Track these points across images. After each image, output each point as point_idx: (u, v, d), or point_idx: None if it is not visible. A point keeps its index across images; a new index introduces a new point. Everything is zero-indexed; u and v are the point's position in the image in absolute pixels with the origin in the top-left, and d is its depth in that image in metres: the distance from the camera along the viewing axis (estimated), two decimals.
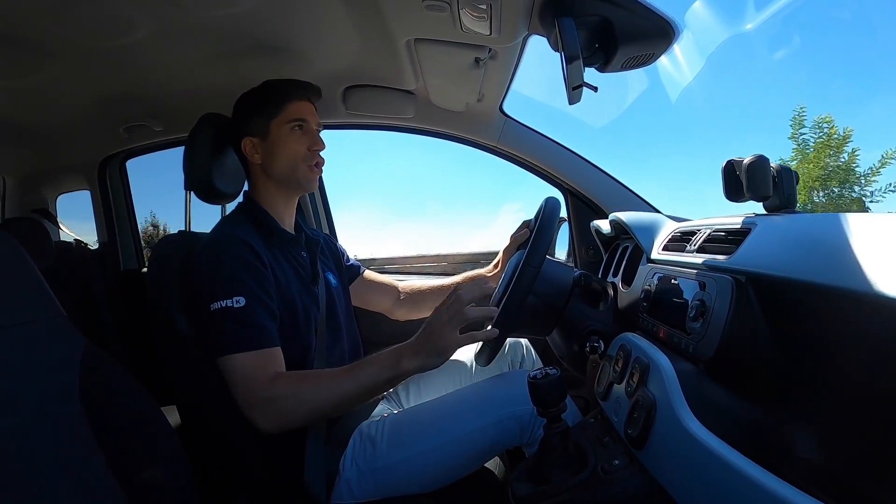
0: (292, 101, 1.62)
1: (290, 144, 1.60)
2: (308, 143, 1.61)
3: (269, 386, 1.30)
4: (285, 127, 1.59)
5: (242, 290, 1.38)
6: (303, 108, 1.63)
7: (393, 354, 1.33)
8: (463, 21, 1.45)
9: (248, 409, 1.30)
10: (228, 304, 1.36)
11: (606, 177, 2.29)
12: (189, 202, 2.29)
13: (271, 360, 1.36)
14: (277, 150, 1.60)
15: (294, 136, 1.60)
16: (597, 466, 1.05)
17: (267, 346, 1.36)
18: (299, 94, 1.64)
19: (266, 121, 1.60)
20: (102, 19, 1.50)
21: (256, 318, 1.37)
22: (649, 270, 1.36)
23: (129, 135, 2.46)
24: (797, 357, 0.87)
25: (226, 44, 1.72)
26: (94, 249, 2.97)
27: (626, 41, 1.32)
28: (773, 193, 1.16)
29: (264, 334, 1.37)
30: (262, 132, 1.60)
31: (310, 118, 1.63)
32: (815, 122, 13.21)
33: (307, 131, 1.62)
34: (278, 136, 1.60)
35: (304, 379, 1.34)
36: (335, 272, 1.80)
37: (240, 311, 1.35)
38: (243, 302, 1.36)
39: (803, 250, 0.85)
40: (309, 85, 1.68)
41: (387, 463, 1.38)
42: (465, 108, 2.21)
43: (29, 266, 1.13)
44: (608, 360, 1.25)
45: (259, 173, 1.64)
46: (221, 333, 1.35)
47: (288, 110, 1.61)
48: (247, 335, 1.34)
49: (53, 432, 1.04)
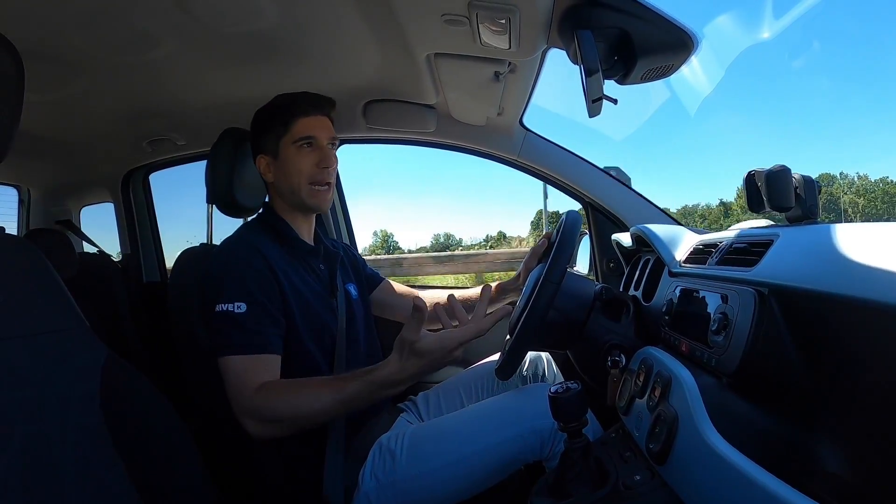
0: (300, 117, 1.59)
1: (296, 164, 1.58)
2: (316, 159, 1.58)
3: (254, 394, 1.32)
4: (293, 146, 1.58)
5: (245, 296, 1.39)
6: (312, 123, 1.60)
7: (381, 384, 1.31)
8: (482, 35, 1.45)
9: (237, 414, 1.33)
10: (230, 308, 1.38)
11: (627, 189, 2.28)
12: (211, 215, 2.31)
13: (263, 366, 1.37)
14: (285, 170, 1.59)
15: (302, 154, 1.58)
16: (618, 482, 1.03)
17: (261, 353, 1.38)
18: (308, 109, 1.61)
19: (275, 140, 1.59)
20: (127, 35, 1.53)
21: (255, 325, 1.38)
22: (671, 283, 1.35)
23: (153, 149, 2.50)
24: (823, 371, 0.86)
25: (247, 59, 1.74)
26: (116, 261, 3.01)
27: (645, 53, 1.32)
28: (794, 204, 1.15)
29: (261, 340, 1.38)
30: (273, 151, 1.60)
31: (319, 133, 1.59)
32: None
33: (316, 147, 1.59)
34: (287, 156, 1.58)
35: (288, 389, 1.34)
36: (355, 283, 1.80)
37: (240, 315, 1.37)
38: (244, 308, 1.38)
39: (827, 261, 0.84)
40: (319, 98, 1.65)
41: (406, 476, 1.38)
42: (486, 121, 2.21)
43: (53, 276, 1.14)
44: (630, 375, 1.24)
45: (273, 191, 1.65)
46: (220, 335, 1.38)
47: (296, 128, 1.58)
48: (242, 340, 1.36)
49: (74, 440, 1.05)
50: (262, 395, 1.32)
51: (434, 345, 1.25)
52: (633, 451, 1.11)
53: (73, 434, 1.05)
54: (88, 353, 1.14)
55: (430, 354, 1.25)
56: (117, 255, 3.07)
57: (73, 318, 1.16)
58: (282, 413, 1.31)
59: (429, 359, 1.26)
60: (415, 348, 1.25)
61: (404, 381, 1.29)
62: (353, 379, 1.31)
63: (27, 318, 1.07)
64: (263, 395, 1.32)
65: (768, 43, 77.36)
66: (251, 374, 1.34)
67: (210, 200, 1.76)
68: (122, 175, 2.80)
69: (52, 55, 1.58)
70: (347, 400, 1.30)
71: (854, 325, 0.78)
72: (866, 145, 59.96)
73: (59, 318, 1.13)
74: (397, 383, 1.29)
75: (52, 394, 1.05)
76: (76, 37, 1.50)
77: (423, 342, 1.25)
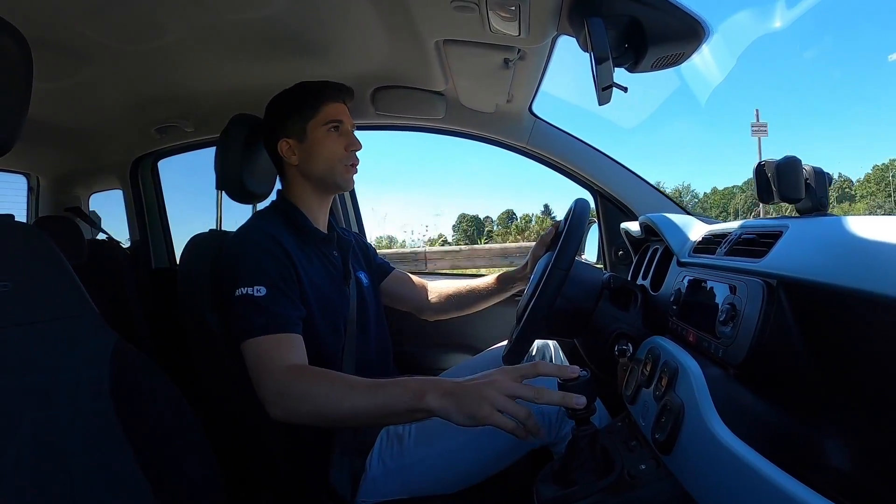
0: (328, 102, 1.63)
1: (328, 146, 1.60)
2: (345, 143, 1.62)
3: (282, 375, 1.27)
4: (322, 129, 1.60)
5: (264, 279, 1.39)
6: (338, 109, 1.64)
7: (421, 384, 1.17)
8: (491, 22, 1.45)
9: (260, 394, 1.28)
10: (250, 291, 1.37)
11: (636, 178, 2.27)
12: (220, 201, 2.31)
13: (289, 346, 1.35)
14: (316, 152, 1.61)
15: (332, 138, 1.61)
16: (623, 470, 1.04)
17: (285, 332, 1.36)
18: (334, 95, 1.65)
19: (303, 123, 1.61)
20: (135, 23, 1.53)
21: (276, 307, 1.38)
22: (679, 273, 1.35)
23: (161, 135, 2.50)
24: (831, 363, 0.86)
25: (256, 45, 1.73)
26: (126, 247, 3.02)
27: (656, 41, 1.31)
28: (805, 196, 1.14)
29: (284, 320, 1.37)
30: (298, 134, 1.61)
31: (345, 119, 1.64)
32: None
33: (343, 132, 1.63)
34: (316, 138, 1.60)
35: (320, 379, 1.26)
36: (366, 271, 1.81)
37: (260, 299, 1.37)
38: (264, 291, 1.38)
39: (837, 254, 0.83)
40: (343, 86, 1.70)
41: (413, 460, 1.39)
42: (495, 108, 2.20)
43: (62, 264, 1.15)
44: (636, 364, 1.24)
45: (295, 174, 1.65)
46: (242, 319, 1.36)
47: (324, 112, 1.61)
48: (265, 321, 1.35)
49: (84, 426, 1.06)
50: (293, 374, 1.27)
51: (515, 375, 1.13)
52: (639, 441, 1.11)
53: (82, 420, 1.06)
54: (98, 339, 1.15)
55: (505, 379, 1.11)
56: (126, 242, 3.08)
57: (83, 304, 1.17)
58: (311, 398, 1.23)
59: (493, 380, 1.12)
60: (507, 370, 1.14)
61: (448, 391, 1.14)
62: (389, 384, 1.21)
63: (37, 305, 1.08)
64: (296, 374, 1.28)
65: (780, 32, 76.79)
66: (278, 353, 1.32)
67: (220, 187, 1.77)
68: (131, 162, 2.81)
69: (60, 43, 1.58)
70: (380, 404, 1.19)
71: (862, 319, 0.78)
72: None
73: (69, 305, 1.14)
74: (446, 396, 1.13)
75: (62, 380, 1.06)
76: (84, 24, 1.50)
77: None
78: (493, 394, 1.08)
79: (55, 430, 1.02)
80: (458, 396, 1.11)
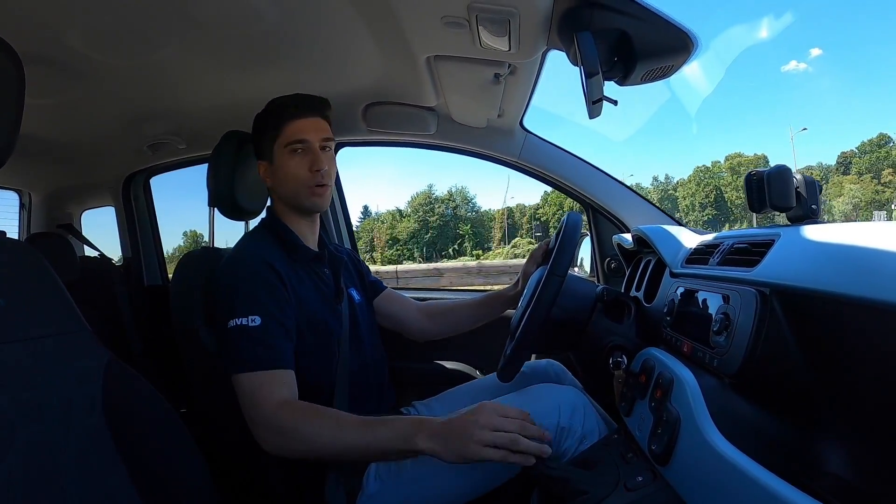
0: (291, 120, 1.56)
1: (291, 168, 1.55)
2: (308, 164, 1.55)
3: (274, 411, 1.29)
4: (285, 150, 1.55)
5: (259, 309, 1.38)
6: (303, 126, 1.56)
7: (409, 426, 1.22)
8: (482, 37, 1.46)
9: (253, 428, 1.30)
10: (244, 322, 1.36)
11: (628, 190, 2.28)
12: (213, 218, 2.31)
13: (281, 382, 1.35)
14: (281, 175, 1.57)
15: (295, 160, 1.55)
16: (620, 482, 1.04)
17: (278, 368, 1.35)
18: (299, 111, 1.57)
19: (270, 144, 1.57)
20: (128, 39, 1.53)
21: (271, 338, 1.37)
22: (672, 284, 1.35)
23: (154, 152, 2.50)
24: (826, 371, 0.86)
25: (248, 62, 1.74)
26: (118, 265, 3.01)
27: (645, 54, 1.32)
28: (796, 204, 1.15)
29: (277, 355, 1.36)
30: (269, 156, 1.59)
31: (311, 136, 1.56)
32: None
33: (307, 150, 1.56)
34: (280, 161, 1.56)
35: (313, 416, 1.29)
36: (359, 288, 1.80)
37: (255, 329, 1.36)
38: (259, 321, 1.36)
39: (829, 261, 0.84)
40: (311, 99, 1.61)
41: (411, 477, 1.37)
42: (486, 123, 2.21)
43: (54, 280, 1.15)
44: (632, 376, 1.24)
45: (274, 196, 1.65)
46: (235, 350, 1.35)
47: (287, 131, 1.55)
48: (259, 355, 1.34)
49: (77, 443, 1.05)
50: (286, 411, 1.29)
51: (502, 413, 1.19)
52: (635, 453, 1.11)
53: (75, 437, 1.06)
54: (90, 356, 1.14)
55: (487, 415, 1.18)
56: (118, 259, 3.07)
57: (75, 321, 1.16)
58: (302, 437, 1.26)
59: (478, 419, 1.17)
60: (487, 406, 1.21)
61: (435, 433, 1.19)
62: (378, 424, 1.25)
63: (29, 322, 1.08)
64: (288, 412, 1.29)
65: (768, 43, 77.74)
66: (270, 389, 1.32)
67: (212, 204, 1.76)
68: (123, 178, 2.81)
69: (53, 59, 1.58)
70: (371, 445, 1.24)
71: (857, 325, 0.78)
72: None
73: (61, 322, 1.14)
74: (434, 436, 1.18)
75: (55, 397, 1.06)
76: (77, 41, 1.50)
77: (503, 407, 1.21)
78: (477, 432, 1.15)
79: (48, 447, 1.01)
80: (445, 438, 1.18)
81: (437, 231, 52.81)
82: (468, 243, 50.42)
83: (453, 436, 1.17)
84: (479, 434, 1.14)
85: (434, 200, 52.91)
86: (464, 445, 1.14)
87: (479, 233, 52.96)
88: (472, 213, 54.72)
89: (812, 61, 66.25)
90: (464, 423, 1.17)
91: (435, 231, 52.83)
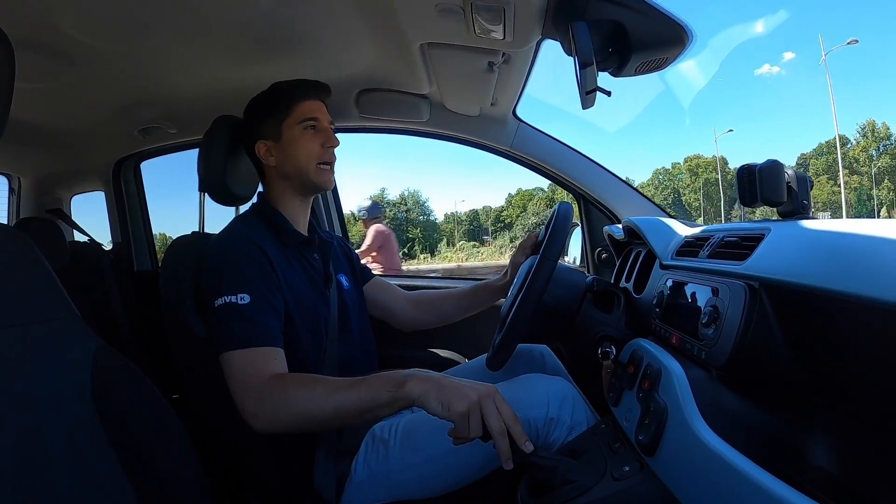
0: (301, 100, 1.61)
1: (303, 144, 1.58)
2: (321, 140, 1.60)
3: (263, 386, 1.27)
4: (297, 127, 1.58)
5: (248, 287, 1.37)
6: (313, 106, 1.62)
7: (404, 374, 1.20)
8: (476, 25, 1.45)
9: (241, 405, 1.28)
10: (233, 300, 1.35)
11: (619, 182, 2.29)
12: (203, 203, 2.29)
13: (271, 359, 1.34)
14: (291, 151, 1.59)
15: (307, 136, 1.59)
16: (607, 472, 1.04)
17: (268, 345, 1.35)
18: (308, 93, 1.63)
19: (278, 122, 1.59)
20: (119, 23, 1.52)
21: (260, 316, 1.36)
22: (662, 276, 1.36)
23: (144, 137, 2.48)
24: (812, 365, 0.86)
25: (241, 47, 1.73)
26: (107, 250, 2.99)
27: (640, 46, 1.32)
28: (787, 199, 1.16)
29: (267, 333, 1.36)
30: (274, 134, 1.60)
31: (321, 116, 1.62)
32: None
33: (319, 129, 1.61)
34: (291, 137, 1.59)
35: (301, 383, 1.28)
36: (348, 275, 1.80)
37: (244, 307, 1.35)
38: (248, 299, 1.36)
39: (818, 256, 0.84)
40: (317, 83, 1.66)
41: (399, 466, 1.38)
42: (479, 112, 2.21)
43: (43, 266, 1.14)
44: (620, 366, 1.25)
45: (274, 176, 1.64)
46: (224, 329, 1.35)
47: (298, 110, 1.59)
48: (249, 332, 1.33)
49: (67, 431, 1.05)
50: (277, 381, 1.28)
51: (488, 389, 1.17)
52: (623, 443, 1.12)
53: (65, 425, 1.05)
54: (80, 343, 1.14)
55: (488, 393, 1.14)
56: (108, 244, 3.05)
57: (64, 307, 1.15)
58: (294, 402, 1.24)
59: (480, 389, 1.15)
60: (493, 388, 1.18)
61: (429, 378, 1.18)
62: (371, 378, 1.24)
63: (18, 308, 1.07)
64: (279, 381, 1.28)
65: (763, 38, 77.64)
66: (260, 366, 1.31)
67: (202, 189, 1.75)
68: (114, 163, 2.79)
69: (44, 43, 1.57)
70: (364, 398, 1.21)
71: (845, 321, 0.79)
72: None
73: (50, 308, 1.13)
74: (417, 378, 1.17)
75: (45, 385, 1.05)
76: (68, 25, 1.49)
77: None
78: (473, 399, 1.12)
79: (39, 436, 1.01)
80: (440, 385, 1.15)
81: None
82: (417, 247, 50.50)
83: (449, 387, 1.14)
84: (474, 400, 1.12)
85: (386, 204, 53.02)
86: (457, 400, 1.11)
87: (428, 236, 53.20)
88: (422, 216, 55.08)
89: (785, 65, 66.52)
90: (465, 386, 1.15)
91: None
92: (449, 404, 1.12)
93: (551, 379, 1.48)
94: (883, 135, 44.01)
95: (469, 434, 1.11)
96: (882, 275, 0.67)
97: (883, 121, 44.96)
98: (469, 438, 1.12)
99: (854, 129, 46.25)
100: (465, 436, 1.12)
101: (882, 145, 44.07)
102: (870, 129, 44.40)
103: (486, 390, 1.15)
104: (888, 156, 43.47)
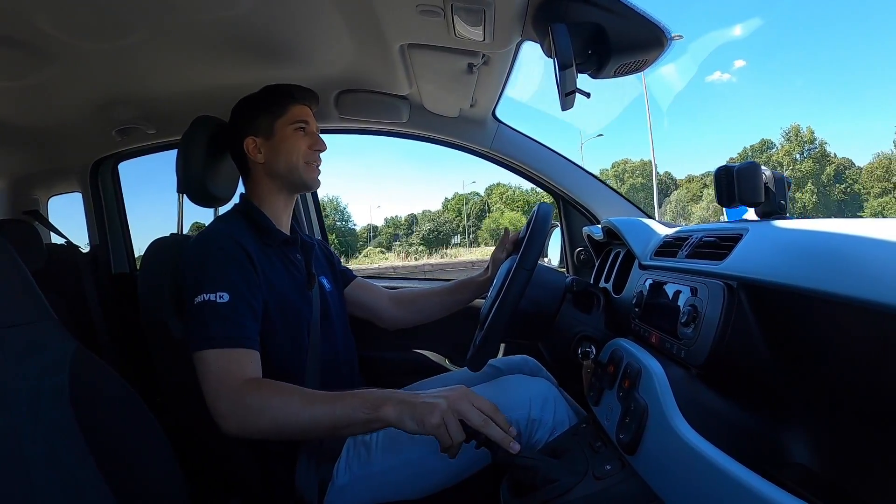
0: (296, 103, 1.65)
1: (294, 143, 1.61)
2: (309, 142, 1.63)
3: (238, 389, 1.26)
4: (290, 127, 1.61)
5: (228, 286, 1.36)
6: (305, 111, 1.66)
7: (379, 396, 1.22)
8: (456, 27, 1.46)
9: (212, 405, 1.27)
10: (212, 297, 1.34)
11: (598, 182, 2.30)
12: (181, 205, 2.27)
13: (247, 361, 1.33)
14: (282, 149, 1.61)
15: (297, 136, 1.62)
16: (589, 471, 1.05)
17: (244, 347, 1.34)
18: (302, 98, 1.68)
19: (271, 120, 1.61)
20: (98, 22, 1.50)
21: (239, 317, 1.35)
22: (641, 276, 1.37)
23: (122, 137, 2.45)
24: (790, 362, 0.88)
25: (220, 47, 1.71)
26: (85, 252, 2.96)
27: (619, 48, 1.33)
28: (764, 200, 1.17)
29: (244, 334, 1.35)
30: (266, 131, 1.61)
31: (311, 121, 1.65)
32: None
33: (309, 132, 1.64)
34: (283, 136, 1.61)
35: (277, 392, 1.27)
36: (330, 277, 1.80)
37: (223, 306, 1.34)
38: (227, 298, 1.35)
39: (795, 256, 0.85)
40: (311, 91, 1.72)
41: (381, 468, 1.38)
42: (459, 113, 2.22)
43: (20, 268, 1.13)
44: (600, 366, 1.25)
45: (260, 173, 1.64)
46: (201, 327, 1.33)
47: (292, 112, 1.63)
48: (226, 332, 1.32)
49: (45, 434, 1.04)
50: (252, 387, 1.27)
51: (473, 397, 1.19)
52: (604, 442, 1.12)
53: (43, 428, 1.04)
54: (57, 346, 1.13)
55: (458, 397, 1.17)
56: (85, 246, 3.02)
57: (41, 310, 1.14)
58: (269, 410, 1.24)
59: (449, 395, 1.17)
60: (462, 389, 1.21)
61: (404, 400, 1.19)
62: (347, 395, 1.24)
63: None
64: (255, 387, 1.27)
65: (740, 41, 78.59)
66: (236, 368, 1.30)
67: (181, 190, 1.74)
68: (91, 164, 2.75)
69: (20, 41, 1.54)
70: (339, 415, 1.21)
71: (822, 319, 0.80)
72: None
73: (27, 311, 1.12)
74: (392, 401, 1.19)
75: (22, 387, 1.04)
76: (46, 22, 1.47)
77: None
78: (444, 406, 1.15)
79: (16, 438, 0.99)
80: (412, 405, 1.18)
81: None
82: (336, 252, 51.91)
83: (419, 404, 1.17)
84: (444, 410, 1.14)
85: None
86: (430, 414, 1.14)
87: (345, 242, 53.70)
88: (341, 222, 55.79)
89: (736, 72, 67.74)
90: (435, 397, 1.18)
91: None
92: (422, 420, 1.15)
93: (532, 380, 1.49)
94: (807, 139, 45.09)
95: (452, 441, 1.13)
96: (858, 274, 0.69)
97: (808, 125, 45.91)
98: (456, 445, 1.14)
99: (779, 133, 47.05)
100: (449, 444, 1.14)
101: (806, 149, 45.16)
102: (794, 133, 45.31)
103: (456, 394, 1.18)
104: (811, 160, 44.49)
